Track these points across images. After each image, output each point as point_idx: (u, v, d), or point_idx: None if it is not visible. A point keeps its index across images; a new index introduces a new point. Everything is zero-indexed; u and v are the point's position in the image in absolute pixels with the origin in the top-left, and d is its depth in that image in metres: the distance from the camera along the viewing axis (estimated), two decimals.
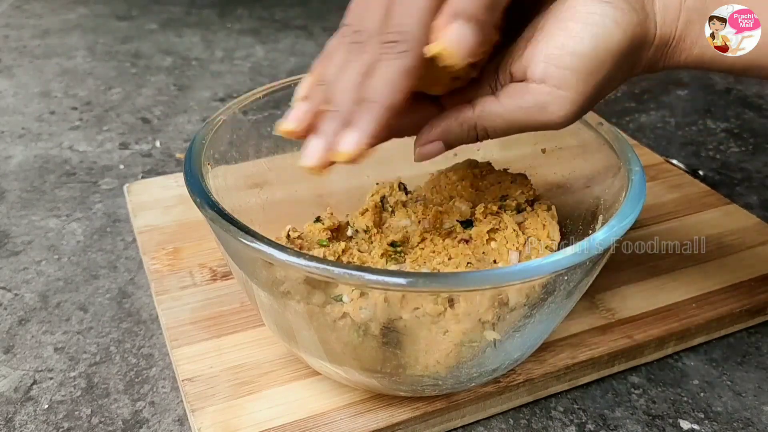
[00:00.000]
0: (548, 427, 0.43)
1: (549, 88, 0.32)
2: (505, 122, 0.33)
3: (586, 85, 0.32)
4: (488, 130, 0.33)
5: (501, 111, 0.33)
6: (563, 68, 0.31)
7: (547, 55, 0.31)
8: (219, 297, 0.48)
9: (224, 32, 1.04)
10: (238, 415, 0.40)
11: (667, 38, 0.33)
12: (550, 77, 0.31)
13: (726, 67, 0.34)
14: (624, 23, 0.31)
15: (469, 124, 0.33)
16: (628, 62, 0.33)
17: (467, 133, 0.33)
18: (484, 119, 0.33)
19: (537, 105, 0.32)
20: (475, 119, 0.33)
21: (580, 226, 0.44)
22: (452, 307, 0.34)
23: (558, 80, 0.31)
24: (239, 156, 0.44)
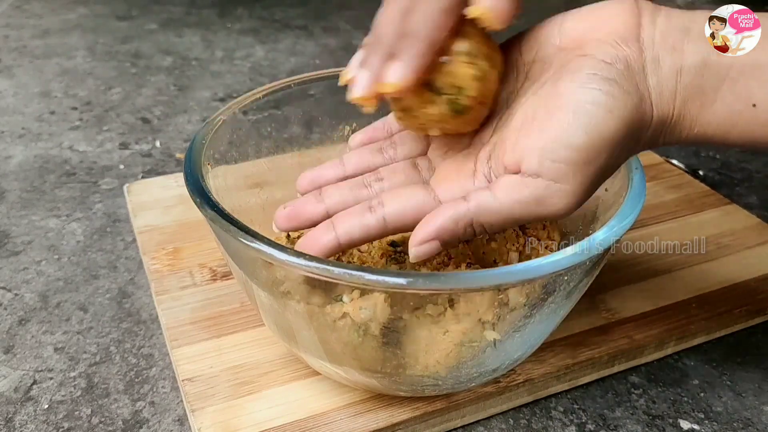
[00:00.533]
0: (548, 427, 0.43)
1: (546, 182, 0.31)
2: (503, 218, 0.32)
3: (584, 176, 0.31)
4: (485, 226, 0.32)
5: (497, 207, 0.32)
6: (558, 162, 0.30)
7: (541, 149, 0.30)
8: (219, 297, 0.48)
9: (224, 32, 1.04)
10: (238, 415, 0.40)
11: (665, 118, 0.32)
12: (545, 171, 0.30)
13: (730, 143, 0.33)
14: (617, 110, 0.30)
15: (465, 221, 0.32)
16: (627, 146, 0.32)
17: (464, 230, 0.32)
18: (481, 215, 0.32)
19: (535, 199, 0.31)
20: (471, 216, 0.32)
21: (580, 226, 0.44)
22: (452, 307, 0.34)
23: (554, 174, 0.30)
24: (239, 156, 0.44)
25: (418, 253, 0.32)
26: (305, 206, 0.36)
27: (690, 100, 0.31)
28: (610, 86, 0.30)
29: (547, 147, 0.30)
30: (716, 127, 0.32)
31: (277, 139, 0.47)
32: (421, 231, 0.32)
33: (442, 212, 0.32)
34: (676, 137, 0.33)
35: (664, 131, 0.33)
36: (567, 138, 0.30)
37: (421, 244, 0.32)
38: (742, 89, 0.31)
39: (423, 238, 0.32)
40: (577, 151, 0.30)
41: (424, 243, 0.32)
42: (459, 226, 0.32)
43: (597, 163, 0.31)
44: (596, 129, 0.30)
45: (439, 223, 0.32)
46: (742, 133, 0.32)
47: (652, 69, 0.31)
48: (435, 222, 0.32)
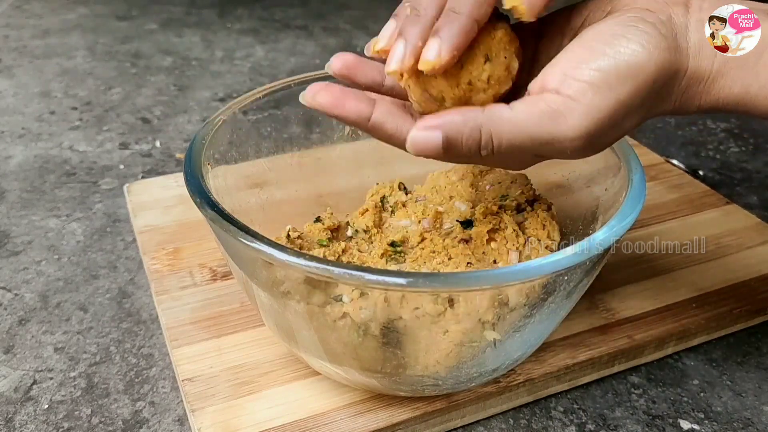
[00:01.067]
0: (548, 427, 0.43)
1: (563, 98, 0.30)
2: (514, 128, 0.30)
3: (603, 99, 0.30)
4: (494, 135, 0.30)
5: (510, 115, 0.30)
6: (580, 80, 0.30)
7: (564, 68, 0.30)
8: (219, 297, 0.48)
9: (224, 32, 1.04)
10: (238, 415, 0.40)
11: (702, 74, 0.31)
12: (565, 87, 0.30)
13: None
14: (651, 46, 0.30)
15: (475, 122, 0.30)
16: (655, 93, 0.31)
17: (470, 132, 0.30)
18: (492, 122, 0.30)
19: (549, 112, 0.30)
20: (482, 120, 0.30)
21: (580, 226, 0.44)
22: (452, 307, 0.34)
23: (574, 91, 0.30)
24: (239, 156, 0.44)
25: (415, 137, 0.30)
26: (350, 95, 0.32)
27: (731, 61, 0.31)
28: (648, 27, 0.30)
29: (571, 66, 0.30)
30: (758, 89, 0.31)
31: (277, 139, 0.47)
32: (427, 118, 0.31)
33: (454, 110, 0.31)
34: (714, 96, 0.32)
35: (701, 88, 0.32)
36: (594, 60, 0.30)
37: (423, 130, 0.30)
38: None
39: (427, 124, 0.30)
40: (602, 72, 0.30)
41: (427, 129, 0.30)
42: (467, 125, 0.30)
43: (619, 93, 0.30)
44: (626, 57, 0.30)
45: (448, 117, 0.30)
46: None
47: (695, 27, 0.31)
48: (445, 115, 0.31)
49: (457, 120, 0.30)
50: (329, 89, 0.32)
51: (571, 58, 0.30)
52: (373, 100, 0.32)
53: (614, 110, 0.30)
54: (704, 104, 0.33)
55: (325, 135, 0.49)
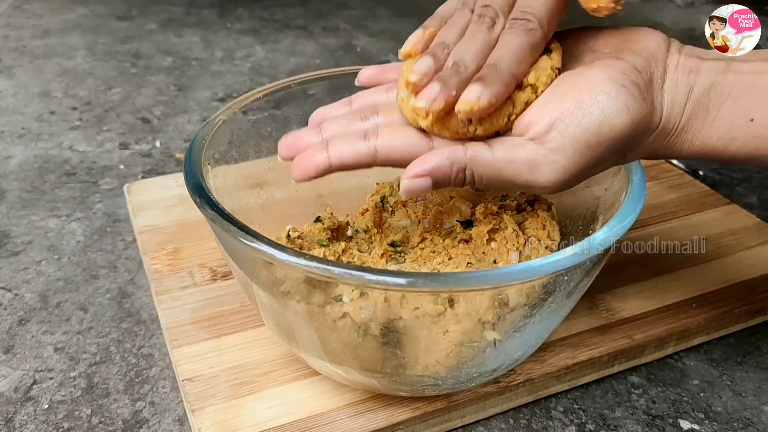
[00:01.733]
0: (548, 427, 0.43)
1: (545, 151, 0.32)
2: (494, 172, 0.33)
3: (582, 157, 0.32)
4: (475, 174, 0.33)
5: (491, 160, 0.33)
6: (564, 136, 0.32)
7: (552, 119, 0.32)
8: (219, 297, 0.48)
9: (224, 32, 1.04)
10: (238, 415, 0.40)
11: (669, 129, 0.34)
12: (549, 140, 0.32)
13: (728, 158, 0.34)
14: (633, 110, 0.32)
15: (459, 165, 0.33)
16: (627, 146, 0.34)
17: (456, 174, 0.33)
18: (475, 164, 0.33)
19: (528, 163, 0.32)
20: (467, 162, 0.33)
21: (580, 226, 0.44)
22: (452, 307, 0.34)
23: (556, 145, 0.32)
24: (239, 156, 0.44)
25: (410, 186, 0.33)
26: (304, 137, 0.36)
27: (695, 115, 0.34)
28: (633, 89, 0.32)
29: (560, 119, 0.32)
30: (717, 141, 0.34)
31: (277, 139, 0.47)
32: (416, 166, 0.33)
33: (440, 153, 0.33)
34: (677, 148, 0.35)
35: (666, 141, 0.34)
36: (581, 117, 0.32)
37: (414, 178, 0.33)
38: (741, 106, 0.33)
39: (417, 172, 0.33)
40: (586, 132, 0.32)
41: (417, 178, 0.33)
42: (453, 168, 0.33)
43: (597, 151, 0.32)
44: (610, 119, 0.32)
45: (435, 162, 0.33)
46: (741, 146, 0.34)
47: (669, 88, 0.34)
48: (432, 160, 0.33)
49: (444, 166, 0.33)
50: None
51: (560, 108, 0.32)
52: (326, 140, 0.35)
53: (589, 165, 0.33)
54: (667, 155, 0.35)
55: None
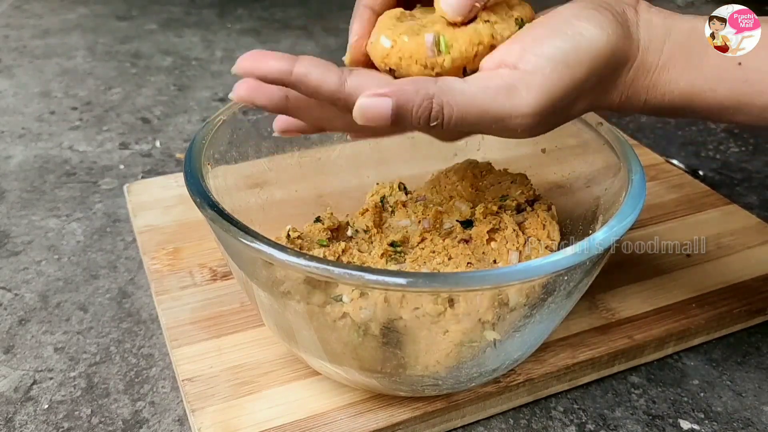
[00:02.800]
0: (548, 427, 0.43)
1: (520, 73, 0.30)
2: (467, 101, 0.30)
3: (560, 77, 0.30)
4: (445, 106, 0.29)
5: (464, 88, 0.30)
6: (539, 56, 0.30)
7: (524, 44, 0.31)
8: (219, 297, 0.48)
9: (224, 32, 1.04)
10: (238, 415, 0.40)
11: (649, 66, 0.33)
12: (524, 63, 0.30)
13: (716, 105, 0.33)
14: (609, 29, 0.31)
15: (427, 92, 0.29)
16: (606, 77, 0.32)
17: (421, 101, 0.29)
18: (445, 94, 0.29)
19: (505, 86, 0.30)
20: (435, 90, 0.29)
21: (580, 226, 0.44)
22: (452, 307, 0.34)
23: (531, 65, 0.30)
24: (239, 156, 0.44)
25: (364, 104, 0.29)
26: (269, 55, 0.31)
27: (677, 54, 0.33)
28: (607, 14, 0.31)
29: (532, 43, 0.31)
30: (704, 82, 0.33)
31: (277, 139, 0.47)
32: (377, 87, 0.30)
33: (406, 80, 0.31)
34: (660, 91, 0.33)
35: (647, 79, 0.33)
36: (554, 38, 0.31)
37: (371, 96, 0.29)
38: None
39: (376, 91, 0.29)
40: (561, 50, 0.30)
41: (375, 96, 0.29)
42: (419, 94, 0.29)
43: (576, 72, 0.31)
44: (581, 36, 0.31)
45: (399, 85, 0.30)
46: (730, 90, 0.32)
47: (644, 26, 0.33)
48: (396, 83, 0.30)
49: (408, 89, 0.30)
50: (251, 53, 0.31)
51: (532, 36, 0.31)
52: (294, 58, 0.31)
53: (569, 89, 0.31)
54: (651, 99, 0.34)
55: (325, 135, 0.49)
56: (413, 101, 0.29)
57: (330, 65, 0.32)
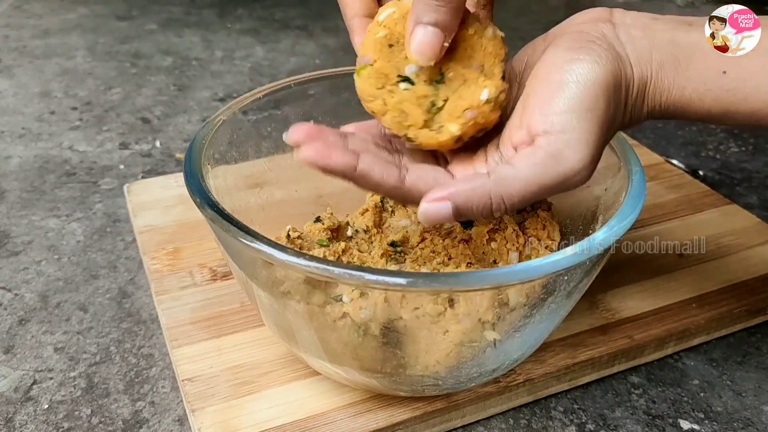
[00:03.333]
0: (548, 427, 0.43)
1: (555, 136, 0.31)
2: (524, 184, 0.31)
3: (589, 122, 0.31)
4: (504, 198, 0.31)
5: (515, 173, 0.31)
6: (561, 113, 0.31)
7: (540, 109, 0.32)
8: (219, 297, 0.48)
9: (224, 32, 1.04)
10: (238, 415, 0.40)
11: (644, 78, 0.34)
12: (552, 126, 0.31)
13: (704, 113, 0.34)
14: (603, 59, 0.32)
15: (483, 189, 0.31)
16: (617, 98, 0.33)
17: (479, 199, 0.31)
18: (500, 186, 0.31)
19: (551, 156, 0.31)
20: (490, 186, 0.31)
21: (580, 226, 0.44)
22: (452, 307, 0.34)
23: (561, 125, 0.31)
24: (239, 156, 0.44)
25: (427, 210, 0.31)
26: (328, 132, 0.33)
27: (666, 64, 0.33)
28: (589, 45, 0.33)
29: (545, 104, 0.32)
30: (692, 92, 0.33)
31: (277, 139, 0.47)
32: (435, 191, 0.31)
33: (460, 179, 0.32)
34: (658, 102, 0.34)
35: (646, 95, 0.34)
36: (562, 92, 0.31)
37: (433, 202, 0.31)
38: (712, 60, 0.33)
39: (436, 196, 0.31)
40: (575, 99, 0.31)
41: (436, 201, 0.31)
42: (476, 194, 0.31)
43: (597, 107, 0.32)
44: (585, 77, 0.32)
45: (455, 187, 0.31)
46: (715, 99, 0.33)
47: (626, 40, 0.34)
48: (452, 185, 0.31)
49: (465, 189, 0.31)
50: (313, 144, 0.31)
51: (541, 98, 0.32)
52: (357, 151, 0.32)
53: (600, 126, 0.32)
54: (651, 108, 0.35)
55: None
56: (471, 200, 0.31)
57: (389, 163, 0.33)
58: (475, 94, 0.34)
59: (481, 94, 0.33)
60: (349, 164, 0.31)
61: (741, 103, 0.33)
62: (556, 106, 0.31)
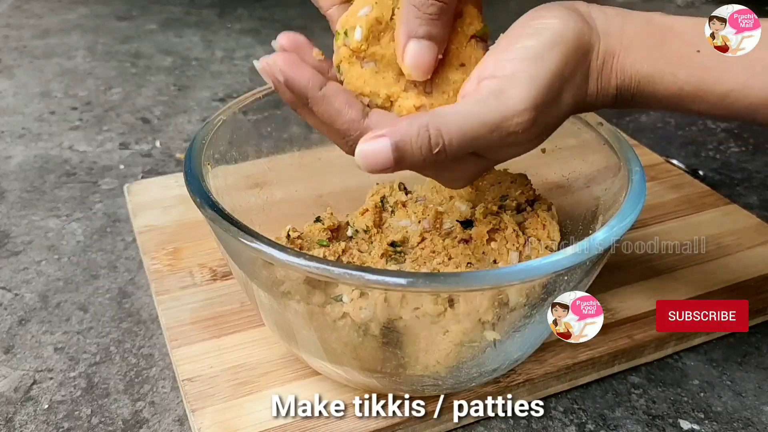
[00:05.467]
0: (548, 427, 0.43)
1: (500, 78, 0.31)
2: (461, 118, 0.30)
3: (538, 68, 0.31)
4: (442, 130, 0.29)
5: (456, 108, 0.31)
6: (513, 59, 0.31)
7: (496, 56, 0.32)
8: (219, 297, 0.48)
9: (224, 32, 1.04)
10: (238, 415, 0.40)
11: (613, 49, 0.33)
12: (500, 69, 0.31)
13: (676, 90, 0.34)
14: (565, 17, 0.32)
15: (420, 122, 0.30)
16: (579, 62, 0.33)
17: (418, 132, 0.29)
18: (438, 118, 0.30)
19: (492, 93, 0.31)
20: (427, 119, 0.30)
21: (580, 226, 0.44)
22: (452, 307, 0.34)
23: (509, 69, 0.31)
24: (239, 156, 0.44)
25: (364, 150, 0.30)
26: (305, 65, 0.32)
27: (636, 39, 0.33)
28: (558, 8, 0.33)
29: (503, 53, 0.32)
30: (664, 66, 0.33)
31: (277, 139, 0.47)
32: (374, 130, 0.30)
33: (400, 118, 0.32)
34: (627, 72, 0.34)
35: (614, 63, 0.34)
36: (520, 41, 0.32)
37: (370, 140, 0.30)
38: (687, 39, 0.33)
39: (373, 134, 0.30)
40: (529, 48, 0.31)
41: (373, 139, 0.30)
42: (413, 126, 0.30)
43: (550, 58, 0.31)
44: (543, 29, 0.32)
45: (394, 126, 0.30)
46: (689, 76, 0.33)
47: (599, 16, 0.34)
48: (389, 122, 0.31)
49: (402, 124, 0.30)
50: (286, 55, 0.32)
51: (499, 47, 0.32)
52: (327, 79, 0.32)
53: (551, 78, 0.31)
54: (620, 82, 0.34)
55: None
56: (410, 134, 0.29)
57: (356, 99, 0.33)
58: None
59: None
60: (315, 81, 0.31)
61: (714, 83, 0.33)
62: (509, 54, 0.32)
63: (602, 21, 0.34)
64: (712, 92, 0.33)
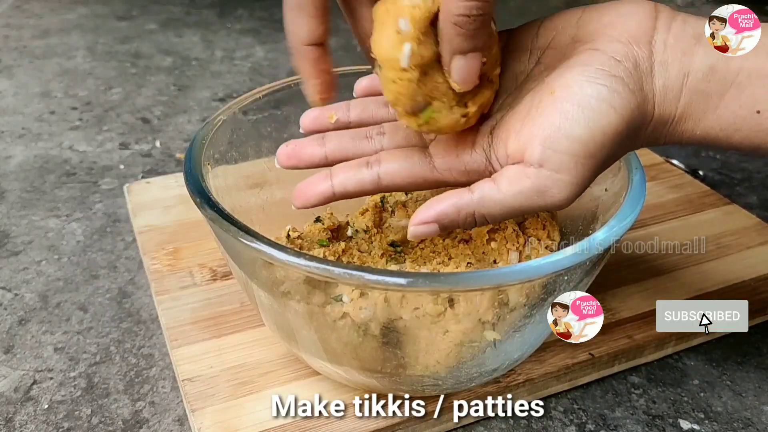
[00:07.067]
0: (548, 427, 0.43)
1: (548, 172, 0.31)
2: (504, 209, 0.32)
3: (585, 168, 0.31)
4: (486, 217, 0.33)
5: (500, 198, 0.32)
6: (561, 152, 0.31)
7: (543, 138, 0.31)
8: (219, 297, 0.48)
9: (224, 32, 1.04)
10: (238, 415, 0.40)
11: (666, 117, 0.32)
12: (547, 161, 0.31)
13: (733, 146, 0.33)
14: (621, 107, 0.31)
15: (467, 211, 0.32)
16: (626, 143, 0.32)
17: (464, 219, 0.33)
18: (483, 206, 0.32)
19: (536, 190, 0.31)
20: (474, 207, 0.32)
21: (580, 226, 0.44)
22: (452, 307, 0.34)
23: (556, 164, 0.31)
24: (239, 156, 0.44)
25: (416, 232, 0.33)
26: (306, 147, 0.37)
27: (694, 102, 0.32)
28: (616, 84, 0.31)
29: (550, 136, 0.31)
30: (719, 131, 0.32)
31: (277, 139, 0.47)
32: (422, 212, 0.33)
33: (446, 199, 0.33)
34: (677, 137, 0.33)
35: (665, 130, 0.33)
36: (569, 128, 0.31)
37: (420, 225, 0.33)
38: (747, 96, 0.31)
39: (423, 219, 0.33)
40: (579, 143, 0.31)
41: (423, 224, 0.33)
42: (460, 214, 0.33)
43: (598, 156, 0.31)
44: (598, 123, 0.31)
45: (441, 209, 0.33)
46: (745, 138, 0.32)
47: (660, 71, 0.32)
48: (437, 207, 0.33)
49: (449, 212, 0.33)
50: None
51: (549, 121, 0.31)
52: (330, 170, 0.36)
53: (595, 170, 0.32)
54: (669, 142, 0.34)
55: None
56: (456, 220, 0.33)
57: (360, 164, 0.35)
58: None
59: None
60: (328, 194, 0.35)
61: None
62: (558, 143, 0.31)
63: (660, 81, 0.32)
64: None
